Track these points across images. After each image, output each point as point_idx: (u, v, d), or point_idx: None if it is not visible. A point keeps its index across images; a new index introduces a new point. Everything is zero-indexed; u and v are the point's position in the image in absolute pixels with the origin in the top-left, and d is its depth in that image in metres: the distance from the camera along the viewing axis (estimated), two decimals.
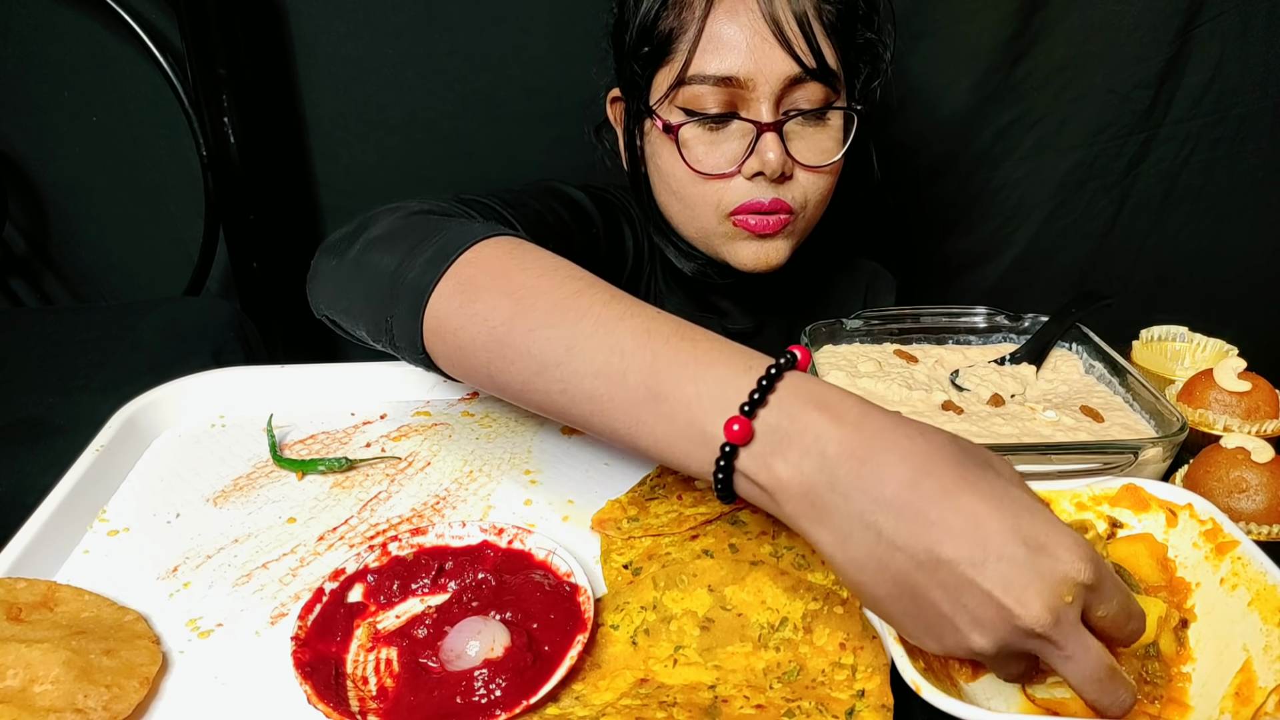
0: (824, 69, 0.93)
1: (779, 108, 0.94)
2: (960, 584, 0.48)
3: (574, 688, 0.61)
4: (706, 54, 0.92)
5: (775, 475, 0.52)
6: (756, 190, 0.96)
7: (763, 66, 0.91)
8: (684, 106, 0.95)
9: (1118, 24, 1.46)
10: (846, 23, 0.96)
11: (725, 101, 0.93)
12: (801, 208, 1.00)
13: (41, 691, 0.57)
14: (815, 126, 0.97)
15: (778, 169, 0.93)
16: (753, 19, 0.91)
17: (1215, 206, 1.62)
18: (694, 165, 0.96)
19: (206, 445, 0.90)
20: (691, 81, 0.93)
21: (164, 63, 1.36)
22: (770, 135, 0.93)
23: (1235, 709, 0.58)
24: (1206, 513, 0.71)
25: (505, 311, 0.62)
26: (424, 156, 1.51)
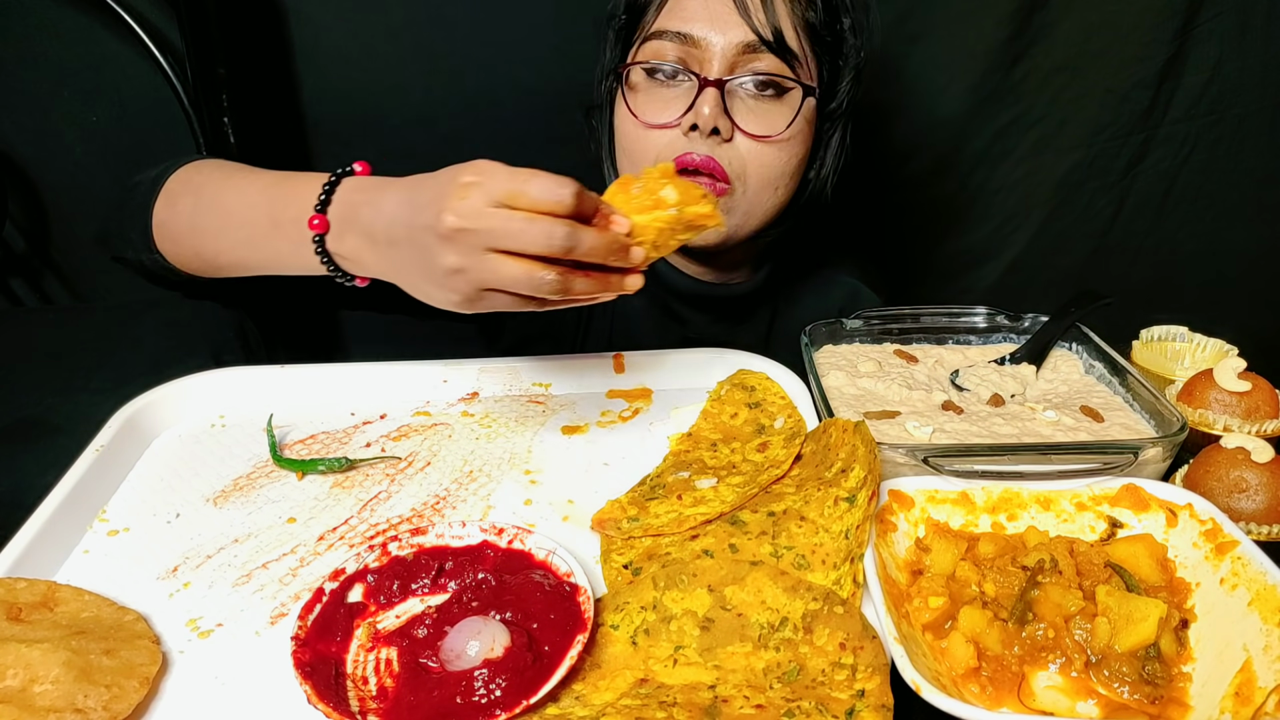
0: (780, 44, 0.95)
1: (732, 72, 0.95)
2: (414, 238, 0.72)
3: (574, 688, 0.61)
4: (671, 13, 0.97)
5: (346, 244, 0.79)
6: (690, 144, 0.97)
7: (718, 28, 0.94)
8: (643, 62, 0.98)
9: (1117, 24, 1.46)
10: (822, 20, 0.98)
11: (680, 59, 0.96)
12: (739, 178, 0.99)
13: (41, 691, 0.57)
14: (768, 100, 0.97)
15: (709, 123, 0.94)
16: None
17: (1214, 206, 1.63)
18: (638, 113, 0.99)
19: (206, 445, 0.90)
20: (652, 37, 0.97)
21: (164, 63, 1.36)
22: (711, 91, 0.94)
23: (1235, 709, 0.58)
24: (1206, 513, 0.71)
25: (191, 204, 0.89)
26: (424, 156, 1.51)
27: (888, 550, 0.71)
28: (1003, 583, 0.67)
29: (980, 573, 0.68)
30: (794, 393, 0.92)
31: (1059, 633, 0.64)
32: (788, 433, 0.85)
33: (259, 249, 0.85)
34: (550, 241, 0.67)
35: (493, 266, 0.68)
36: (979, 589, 0.68)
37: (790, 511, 0.72)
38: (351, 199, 0.78)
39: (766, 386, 0.93)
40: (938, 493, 0.75)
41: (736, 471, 0.81)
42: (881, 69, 1.49)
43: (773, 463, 0.81)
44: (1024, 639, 0.64)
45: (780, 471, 0.79)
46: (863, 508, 0.69)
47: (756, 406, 0.91)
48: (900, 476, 0.76)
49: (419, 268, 0.73)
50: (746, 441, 0.86)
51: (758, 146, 0.98)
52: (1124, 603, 0.63)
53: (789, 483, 0.78)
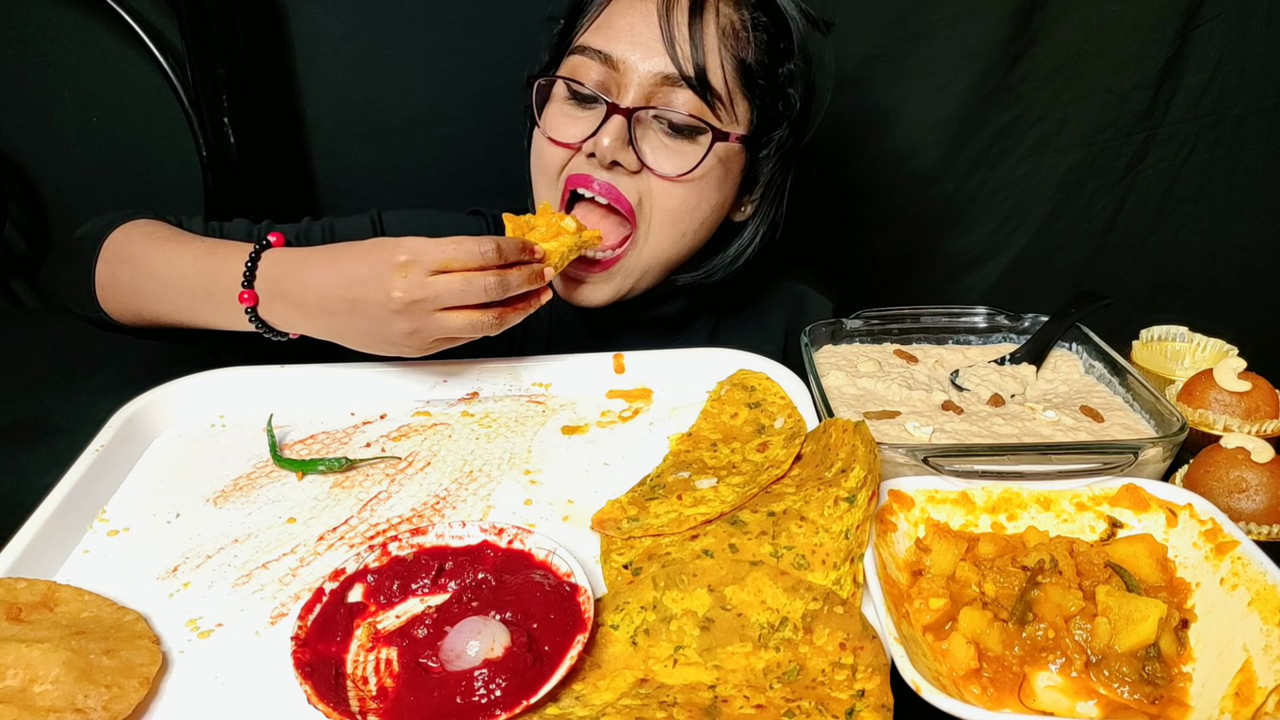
0: (702, 81, 0.91)
1: (648, 101, 0.93)
2: (362, 313, 0.82)
3: (574, 688, 0.61)
4: (598, 30, 0.95)
5: (275, 314, 0.87)
6: (590, 167, 0.95)
7: (638, 55, 0.92)
8: (568, 75, 0.96)
9: (1117, 24, 1.46)
10: (759, 62, 0.95)
11: (600, 83, 0.94)
12: (641, 212, 0.95)
13: (41, 691, 0.57)
14: (683, 141, 0.94)
15: (607, 155, 0.92)
16: (647, 13, 0.92)
17: (1214, 206, 1.63)
18: (547, 127, 0.97)
19: (206, 445, 0.90)
20: (576, 51, 0.95)
21: (164, 63, 1.36)
22: (617, 119, 0.92)
23: (1235, 709, 0.58)
24: (1206, 513, 0.71)
25: (129, 272, 0.93)
26: (423, 156, 1.51)
27: (888, 550, 0.71)
28: (1003, 583, 0.67)
29: (980, 573, 0.68)
30: (794, 393, 0.91)
31: (1059, 633, 0.64)
32: (788, 433, 0.85)
33: (197, 315, 0.92)
34: (487, 294, 0.81)
35: (441, 323, 0.82)
36: (979, 589, 0.68)
37: (790, 511, 0.72)
38: (273, 274, 0.86)
39: (766, 386, 0.93)
40: (938, 493, 0.75)
41: (736, 471, 0.81)
42: (881, 69, 1.49)
43: (773, 463, 0.81)
44: (1024, 639, 0.64)
45: (780, 471, 0.79)
46: (863, 508, 0.69)
47: (756, 406, 0.91)
48: (900, 476, 0.76)
49: (367, 333, 0.85)
50: (746, 441, 0.86)
51: (662, 184, 0.95)
52: (1124, 603, 0.63)
53: (789, 483, 0.78)
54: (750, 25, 0.94)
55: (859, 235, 1.69)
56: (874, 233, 1.68)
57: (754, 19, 0.95)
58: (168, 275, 0.91)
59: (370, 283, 0.80)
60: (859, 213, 1.66)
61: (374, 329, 0.83)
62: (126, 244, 0.95)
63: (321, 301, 0.83)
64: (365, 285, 0.81)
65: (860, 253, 1.71)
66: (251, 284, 0.86)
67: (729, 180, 0.99)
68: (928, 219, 1.66)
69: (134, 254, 0.94)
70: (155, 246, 0.93)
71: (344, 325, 0.84)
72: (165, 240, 0.94)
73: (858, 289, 1.76)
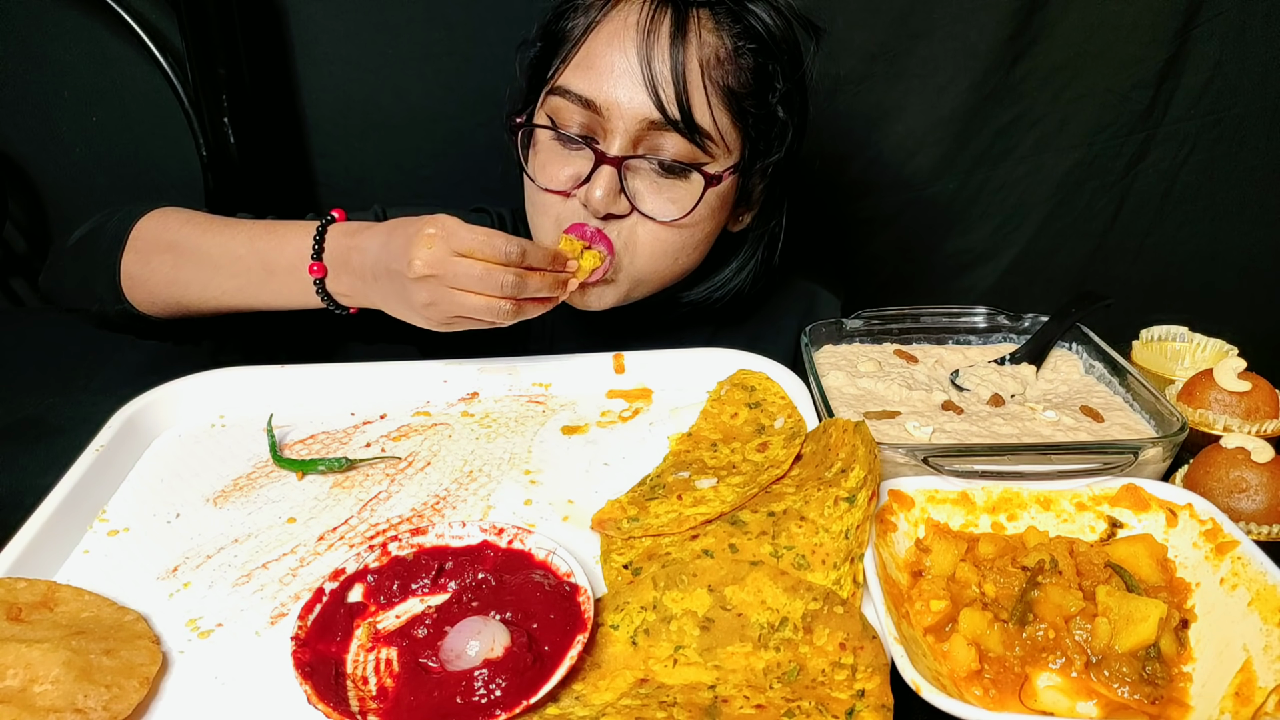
0: (689, 123, 0.88)
1: (636, 147, 0.90)
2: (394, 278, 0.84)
3: (574, 688, 0.61)
4: (578, 69, 0.91)
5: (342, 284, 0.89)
6: (585, 216, 0.93)
7: (621, 100, 0.88)
8: (550, 115, 0.94)
9: (1117, 24, 1.46)
10: (746, 88, 0.92)
11: (585, 125, 0.91)
12: (624, 250, 0.94)
13: (41, 691, 0.57)
14: (674, 179, 0.92)
15: (600, 208, 0.90)
16: (627, 51, 0.88)
17: (1214, 206, 1.63)
18: (537, 174, 0.95)
19: (206, 445, 0.90)
20: (556, 92, 0.92)
21: (164, 63, 1.36)
22: (607, 170, 0.90)
23: (1235, 709, 0.58)
24: (1206, 513, 0.71)
25: (170, 260, 0.93)
26: (423, 156, 1.51)
27: (888, 550, 0.71)
28: (1003, 583, 0.67)
29: (980, 573, 0.68)
30: (794, 393, 0.91)
31: (1059, 633, 0.64)
32: (788, 433, 0.85)
33: (253, 295, 0.93)
34: (503, 289, 0.83)
35: (459, 301, 0.83)
36: (979, 590, 0.68)
37: (790, 511, 0.72)
38: (341, 244, 0.88)
39: (766, 386, 0.93)
40: (938, 493, 0.75)
41: (736, 471, 0.81)
42: (882, 68, 1.49)
43: (773, 463, 0.81)
44: (1024, 640, 0.64)
45: (780, 471, 0.79)
46: (863, 508, 0.69)
47: (756, 406, 0.91)
48: (900, 476, 0.76)
49: (398, 300, 0.86)
50: (746, 441, 0.86)
51: (654, 226, 0.93)
52: (1124, 603, 0.63)
53: (789, 483, 0.78)
54: (734, 52, 0.91)
55: (859, 235, 1.69)
56: (874, 232, 1.68)
57: (738, 46, 0.91)
58: (219, 258, 0.91)
59: (401, 253, 0.82)
60: (859, 212, 1.66)
61: (401, 294, 0.85)
62: (163, 232, 0.94)
63: (373, 268, 0.86)
64: (398, 255, 0.83)
65: (860, 252, 1.71)
66: (320, 256, 0.88)
67: (723, 207, 0.98)
68: (928, 218, 1.66)
69: (175, 241, 0.93)
70: (199, 231, 0.93)
71: (385, 292, 0.86)
72: (208, 225, 0.94)
73: (858, 289, 1.75)
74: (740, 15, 0.91)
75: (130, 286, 0.94)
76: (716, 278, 1.07)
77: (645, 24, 0.88)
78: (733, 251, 1.07)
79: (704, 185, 0.91)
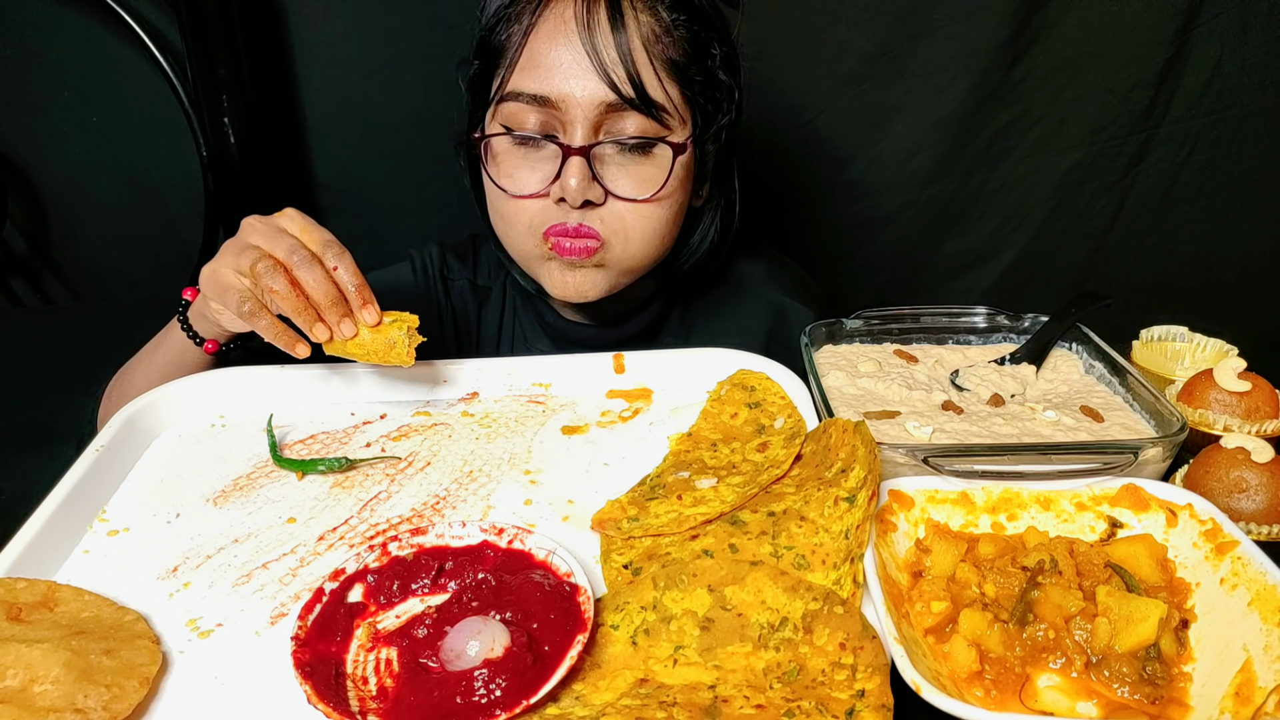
0: (645, 100, 0.90)
1: (597, 134, 0.92)
2: None
3: (574, 688, 0.61)
4: (525, 72, 0.92)
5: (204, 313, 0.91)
6: (563, 213, 0.94)
7: (575, 90, 0.90)
8: (504, 123, 0.94)
9: (1117, 24, 1.46)
10: (688, 57, 0.94)
11: (543, 123, 0.93)
12: (614, 236, 0.96)
13: (41, 691, 0.57)
14: (639, 157, 0.94)
15: (578, 196, 0.92)
16: (570, 43, 0.90)
17: (1214, 206, 1.63)
18: (504, 183, 0.96)
19: (206, 445, 0.90)
20: (508, 98, 0.93)
21: (164, 63, 1.36)
22: (576, 160, 0.91)
23: (1235, 709, 0.58)
24: (1206, 513, 0.71)
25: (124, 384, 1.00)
26: (422, 156, 1.51)
27: (888, 550, 0.71)
28: (1003, 584, 0.67)
29: (980, 574, 0.68)
30: (794, 393, 0.91)
31: (1059, 633, 0.64)
32: (788, 433, 0.85)
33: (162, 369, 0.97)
34: (281, 248, 0.83)
35: (243, 260, 0.83)
36: (979, 590, 0.68)
37: (790, 511, 0.72)
38: None
39: (766, 386, 0.93)
40: (938, 493, 0.75)
41: (736, 471, 0.81)
42: (882, 68, 1.50)
43: (773, 463, 0.81)
44: (1024, 640, 0.64)
45: (780, 471, 0.79)
46: (863, 508, 0.69)
47: (756, 406, 0.91)
48: (900, 476, 0.76)
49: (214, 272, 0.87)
50: (746, 441, 0.86)
51: (632, 207, 0.95)
52: (1124, 603, 0.63)
53: (789, 483, 0.78)
54: (670, 24, 0.93)
55: (860, 235, 1.69)
56: (875, 232, 1.69)
57: (673, 19, 0.93)
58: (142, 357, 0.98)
59: None
60: (860, 212, 1.66)
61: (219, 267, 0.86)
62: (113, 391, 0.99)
63: None
64: None
65: (861, 252, 1.71)
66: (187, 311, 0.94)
67: (688, 178, 1.00)
68: (928, 218, 1.66)
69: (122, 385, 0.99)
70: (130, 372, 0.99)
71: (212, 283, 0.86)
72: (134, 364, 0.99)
73: (858, 289, 1.76)
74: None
75: None
76: (681, 252, 1.09)
77: (583, 16, 0.90)
78: (693, 226, 1.09)
79: (672, 155, 0.94)
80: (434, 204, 1.51)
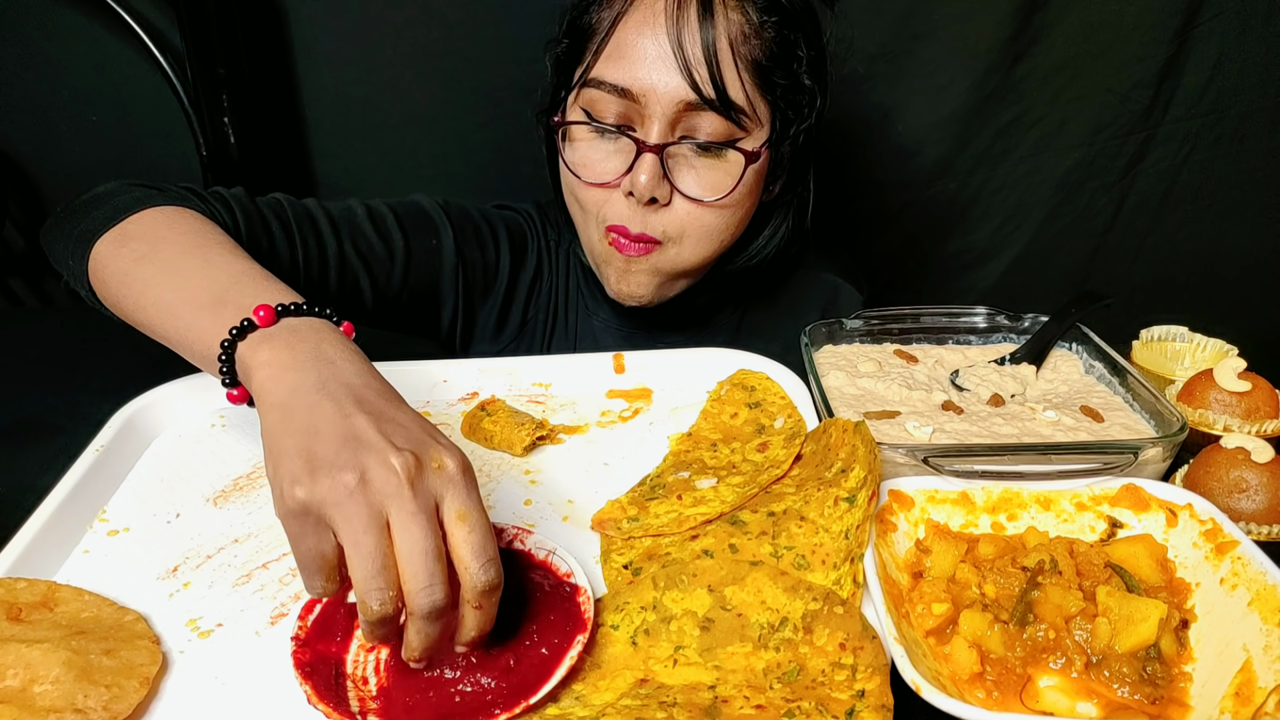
0: (724, 101, 0.89)
1: (674, 131, 0.92)
2: None
3: (574, 688, 0.61)
4: (610, 60, 0.91)
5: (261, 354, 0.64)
6: (629, 212, 0.95)
7: (657, 85, 0.89)
8: (585, 108, 0.94)
9: (1117, 24, 1.46)
10: (774, 60, 0.93)
11: (621, 114, 0.92)
12: (673, 239, 0.97)
13: (41, 691, 0.57)
14: (712, 158, 0.94)
15: (646, 193, 0.92)
16: (658, 36, 0.89)
17: (1214, 206, 1.63)
18: (576, 168, 0.96)
19: (206, 445, 0.90)
20: (591, 84, 0.93)
21: (164, 63, 1.36)
22: (649, 157, 0.91)
23: (1235, 709, 0.58)
24: (1206, 513, 0.71)
25: (138, 252, 0.77)
26: (423, 156, 1.51)
27: (888, 550, 0.71)
28: (1003, 584, 0.67)
29: (980, 574, 0.68)
30: (794, 393, 0.92)
31: (1059, 634, 0.64)
32: (788, 433, 0.85)
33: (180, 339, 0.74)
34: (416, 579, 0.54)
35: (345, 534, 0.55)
36: (979, 590, 0.68)
37: (790, 511, 0.72)
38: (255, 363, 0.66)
39: (766, 386, 0.93)
40: (938, 493, 0.75)
41: (736, 471, 0.81)
42: (883, 68, 1.50)
43: (773, 463, 0.81)
44: (1025, 640, 0.64)
45: (780, 471, 0.79)
46: (863, 508, 0.69)
47: (756, 406, 0.91)
48: (900, 476, 0.76)
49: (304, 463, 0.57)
50: (746, 441, 0.86)
51: (697, 208, 0.95)
52: (1124, 603, 0.63)
53: (789, 483, 0.78)
54: (759, 26, 0.92)
55: (860, 235, 1.69)
56: (876, 232, 1.68)
57: (762, 20, 0.92)
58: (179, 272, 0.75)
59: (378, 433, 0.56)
60: (860, 212, 1.66)
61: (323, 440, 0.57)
62: (154, 228, 0.79)
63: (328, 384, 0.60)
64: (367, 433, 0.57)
65: (861, 252, 1.71)
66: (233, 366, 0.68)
67: (760, 181, 1.00)
68: (929, 218, 1.66)
69: (159, 240, 0.78)
70: (185, 241, 0.78)
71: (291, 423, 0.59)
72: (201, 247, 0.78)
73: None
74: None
75: (94, 270, 0.80)
76: (751, 247, 1.08)
77: (672, 9, 0.89)
78: (764, 221, 1.08)
79: (744, 163, 0.93)
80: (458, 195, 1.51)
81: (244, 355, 0.66)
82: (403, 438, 0.57)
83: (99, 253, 0.80)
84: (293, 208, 0.97)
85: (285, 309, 0.67)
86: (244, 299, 0.68)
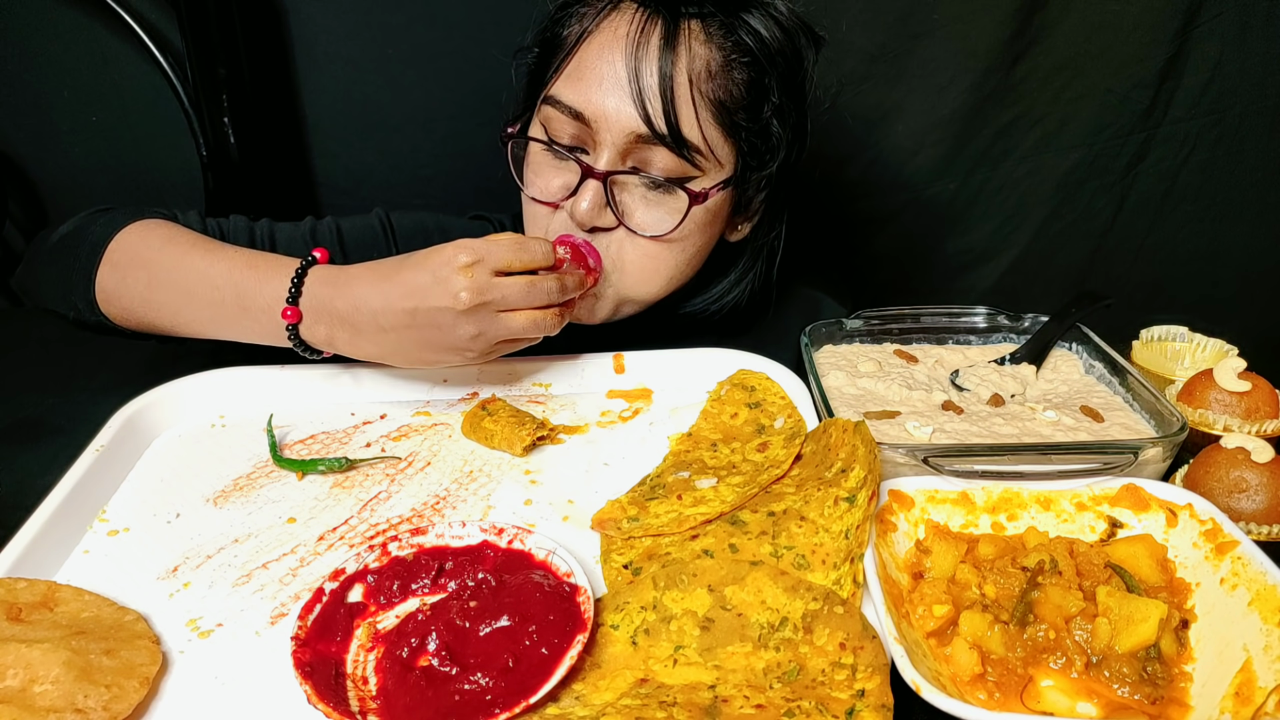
0: (677, 138, 0.86)
1: (625, 160, 0.89)
2: (424, 320, 0.80)
3: (574, 688, 0.61)
4: (569, 80, 0.89)
5: (318, 333, 0.84)
6: (573, 227, 0.92)
7: (609, 113, 0.87)
8: (544, 124, 0.93)
9: (1117, 24, 1.46)
10: (738, 102, 0.90)
11: (575, 136, 0.90)
12: (616, 268, 0.93)
13: (41, 691, 0.57)
14: (661, 193, 0.91)
15: (585, 220, 0.90)
16: (615, 62, 0.86)
17: (1214, 206, 1.62)
18: (527, 182, 0.95)
19: (206, 445, 0.90)
20: (549, 102, 0.91)
21: (164, 63, 1.36)
22: (593, 184, 0.89)
23: (1235, 709, 0.58)
24: (1206, 513, 0.71)
25: (145, 280, 0.89)
26: (422, 156, 1.51)
27: (888, 550, 0.71)
28: (1003, 584, 0.67)
29: (980, 574, 0.68)
30: (794, 393, 0.91)
31: (1060, 634, 0.64)
32: (788, 433, 0.85)
33: (225, 328, 0.88)
34: (550, 297, 0.83)
35: (506, 323, 0.82)
36: (979, 591, 0.68)
37: (790, 511, 0.72)
38: (322, 292, 0.83)
39: (766, 386, 0.93)
40: (938, 493, 0.75)
41: (736, 471, 0.81)
42: (883, 68, 1.49)
43: (773, 463, 0.81)
44: (1025, 641, 0.64)
45: (780, 471, 0.79)
46: (863, 508, 0.69)
47: (756, 406, 0.91)
48: (900, 476, 0.76)
49: (427, 343, 0.82)
50: (746, 441, 0.86)
51: (641, 241, 0.92)
52: (1124, 603, 0.63)
53: (789, 483, 0.78)
54: (726, 65, 0.89)
55: (860, 235, 1.69)
56: (875, 232, 1.68)
57: (729, 59, 0.89)
58: (195, 286, 0.86)
59: (433, 288, 0.78)
60: (860, 212, 1.66)
61: (436, 337, 0.81)
62: (142, 249, 0.89)
63: (377, 318, 0.80)
64: (427, 291, 0.79)
65: (861, 252, 1.71)
66: (296, 301, 0.82)
67: (716, 220, 0.96)
68: (929, 218, 1.66)
69: (154, 260, 0.89)
70: (180, 253, 0.88)
71: (401, 340, 0.82)
72: (190, 247, 0.89)
73: (858, 289, 1.75)
74: (733, 27, 0.89)
75: (105, 300, 0.90)
76: (714, 289, 1.06)
77: (635, 35, 0.86)
78: (731, 262, 1.06)
79: (689, 203, 0.90)
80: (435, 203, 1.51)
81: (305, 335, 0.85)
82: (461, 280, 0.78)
83: (104, 288, 0.90)
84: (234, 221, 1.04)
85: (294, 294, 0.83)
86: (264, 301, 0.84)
